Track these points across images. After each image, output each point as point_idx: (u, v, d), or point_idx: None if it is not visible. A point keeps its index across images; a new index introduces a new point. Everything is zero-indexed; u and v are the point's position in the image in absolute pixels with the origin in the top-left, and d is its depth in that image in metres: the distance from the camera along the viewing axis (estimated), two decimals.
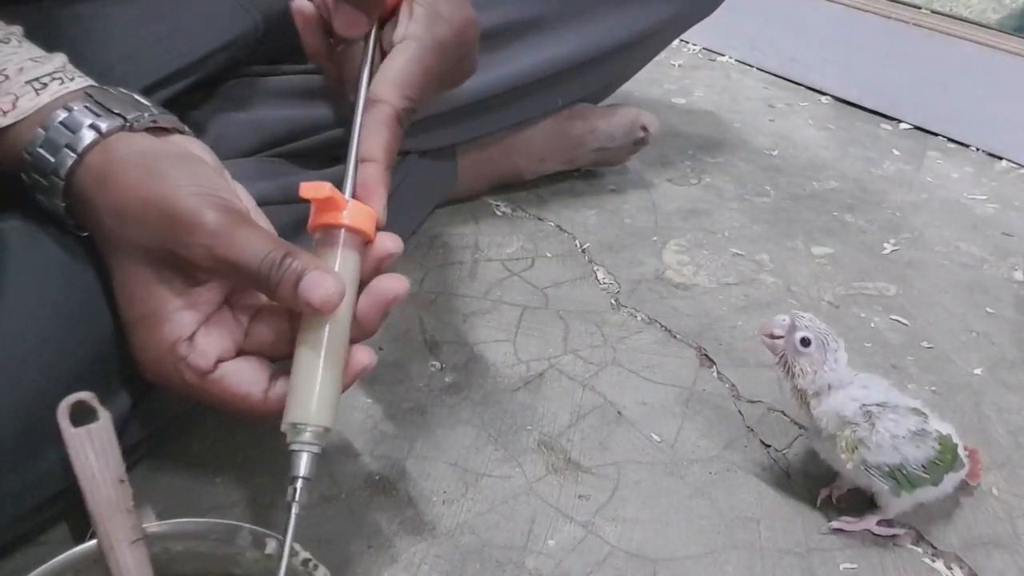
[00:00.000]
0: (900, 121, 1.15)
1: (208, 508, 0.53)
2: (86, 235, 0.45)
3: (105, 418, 0.41)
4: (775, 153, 1.04)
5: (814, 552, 0.54)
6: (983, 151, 1.09)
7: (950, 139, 1.12)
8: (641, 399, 0.65)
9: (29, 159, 0.42)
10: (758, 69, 1.28)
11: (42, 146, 0.42)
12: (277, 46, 0.63)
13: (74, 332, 0.44)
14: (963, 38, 1.08)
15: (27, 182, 0.43)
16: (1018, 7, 1.26)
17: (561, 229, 0.85)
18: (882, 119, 1.16)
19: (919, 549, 0.55)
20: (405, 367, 0.66)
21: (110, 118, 0.42)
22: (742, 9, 1.13)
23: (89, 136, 0.42)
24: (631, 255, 0.82)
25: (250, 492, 0.54)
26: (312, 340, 0.41)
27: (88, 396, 0.41)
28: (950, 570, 0.54)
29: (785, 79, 1.25)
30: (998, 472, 0.61)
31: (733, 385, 0.67)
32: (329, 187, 0.41)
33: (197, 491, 0.54)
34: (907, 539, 0.56)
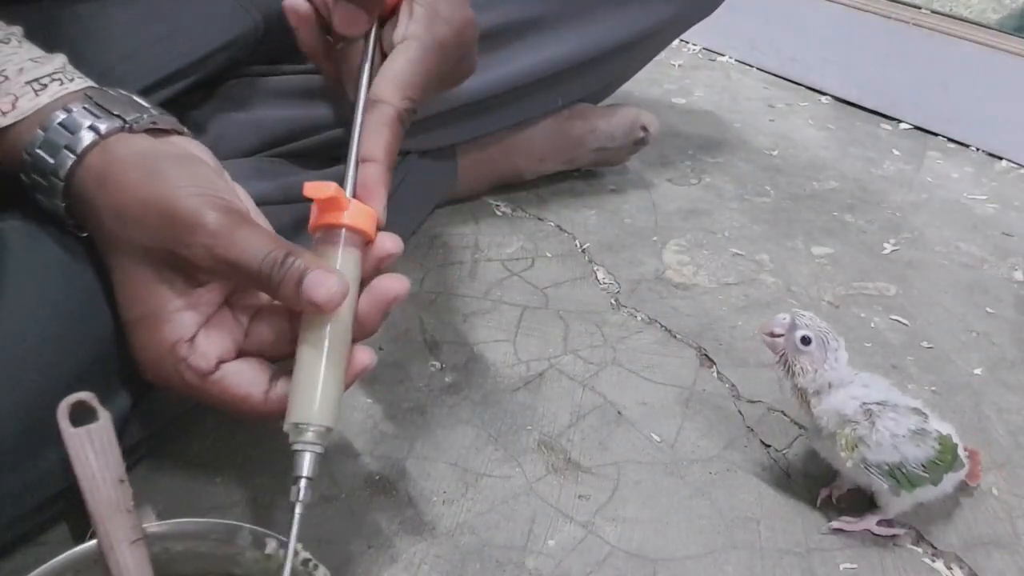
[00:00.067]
0: (900, 121, 1.15)
1: (208, 508, 0.53)
2: (86, 235, 0.45)
3: (105, 418, 0.41)
4: (775, 153, 1.04)
5: (814, 552, 0.54)
6: (983, 151, 1.09)
7: (950, 139, 1.12)
8: (641, 399, 0.65)
9: (29, 160, 0.42)
10: (758, 69, 1.28)
11: (41, 147, 0.42)
12: (277, 46, 0.63)
13: (74, 332, 0.44)
14: (963, 38, 1.08)
15: (27, 183, 0.43)
16: (1018, 7, 1.26)
17: (561, 229, 0.85)
18: (882, 119, 1.16)
19: (919, 549, 0.55)
20: (405, 367, 0.66)
21: (109, 119, 0.42)
22: (742, 9, 1.13)
23: (88, 137, 0.42)
24: (631, 255, 0.82)
25: (250, 492, 0.54)
26: (314, 340, 0.41)
27: (88, 396, 0.41)
28: (950, 570, 0.54)
29: (785, 79, 1.25)
30: (998, 472, 0.61)
31: (733, 385, 0.67)
32: (334, 187, 0.41)
33: (197, 491, 0.54)
34: (907, 539, 0.56)
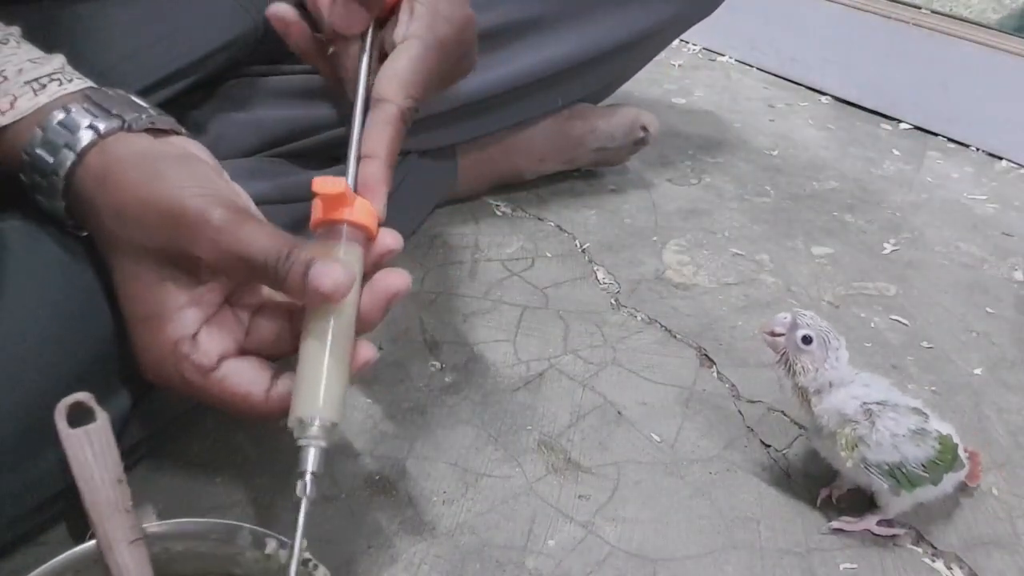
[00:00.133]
0: (900, 121, 1.15)
1: (208, 508, 0.53)
2: (86, 235, 0.45)
3: (103, 419, 0.41)
4: (775, 153, 1.04)
5: (814, 552, 0.54)
6: (983, 151, 1.09)
7: (950, 139, 1.11)
8: (641, 399, 0.65)
9: (28, 160, 0.42)
10: (758, 69, 1.28)
11: (40, 146, 0.42)
12: (277, 46, 0.63)
13: (74, 332, 0.44)
14: (963, 38, 1.08)
15: (26, 183, 0.43)
16: (1018, 7, 1.26)
17: (561, 229, 0.85)
18: (882, 119, 1.16)
19: (919, 549, 0.55)
20: (405, 367, 0.66)
21: (108, 119, 0.42)
22: (742, 9, 1.13)
23: (88, 136, 0.42)
24: (631, 255, 0.82)
25: (250, 492, 0.54)
26: (318, 334, 0.41)
27: (86, 397, 0.41)
28: (950, 570, 0.54)
29: (785, 79, 1.25)
30: (998, 472, 0.61)
31: (733, 385, 0.67)
32: (344, 183, 0.42)
33: (197, 491, 0.54)
34: (907, 539, 0.56)
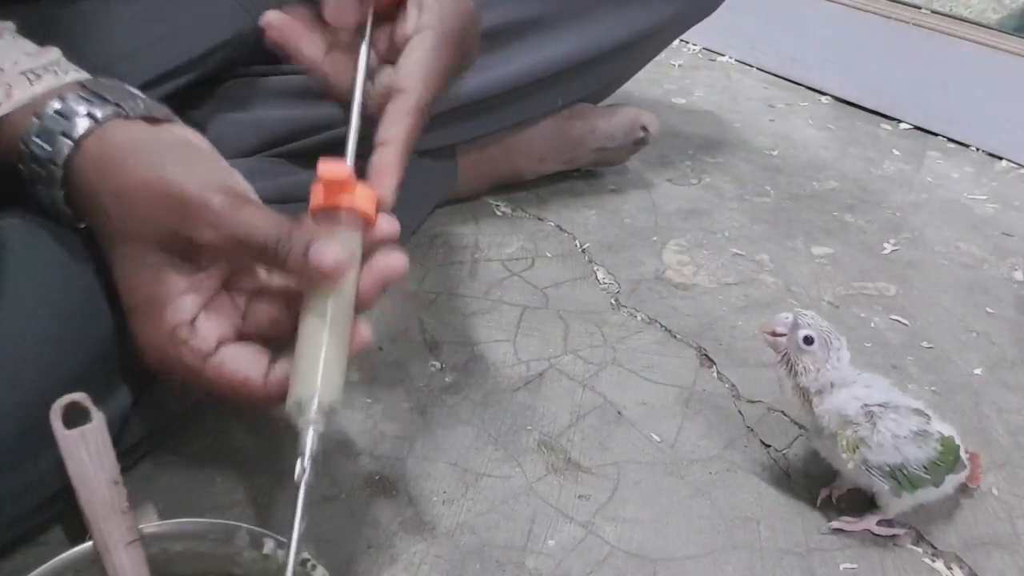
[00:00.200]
0: (900, 121, 1.15)
1: (208, 508, 0.53)
2: (84, 228, 0.44)
3: (99, 419, 0.41)
4: (775, 153, 1.04)
5: (814, 552, 0.54)
6: (983, 151, 1.09)
7: (950, 139, 1.11)
8: (641, 399, 0.65)
9: (25, 149, 0.42)
10: (758, 69, 1.28)
11: (37, 135, 0.42)
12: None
13: (74, 332, 0.44)
14: (963, 38, 1.08)
15: (25, 173, 0.43)
16: (1018, 7, 1.26)
17: (561, 229, 0.85)
18: (882, 119, 1.16)
19: (919, 549, 0.55)
20: (405, 367, 0.66)
21: (104, 106, 0.42)
22: (742, 9, 1.13)
23: (84, 124, 0.42)
24: (631, 255, 0.82)
25: (250, 492, 0.54)
26: (316, 316, 0.41)
27: (81, 397, 0.41)
28: (950, 570, 0.54)
29: (785, 79, 1.25)
30: (998, 472, 0.61)
31: (733, 385, 0.67)
32: (349, 170, 0.42)
33: (197, 491, 0.54)
34: (907, 539, 0.56)
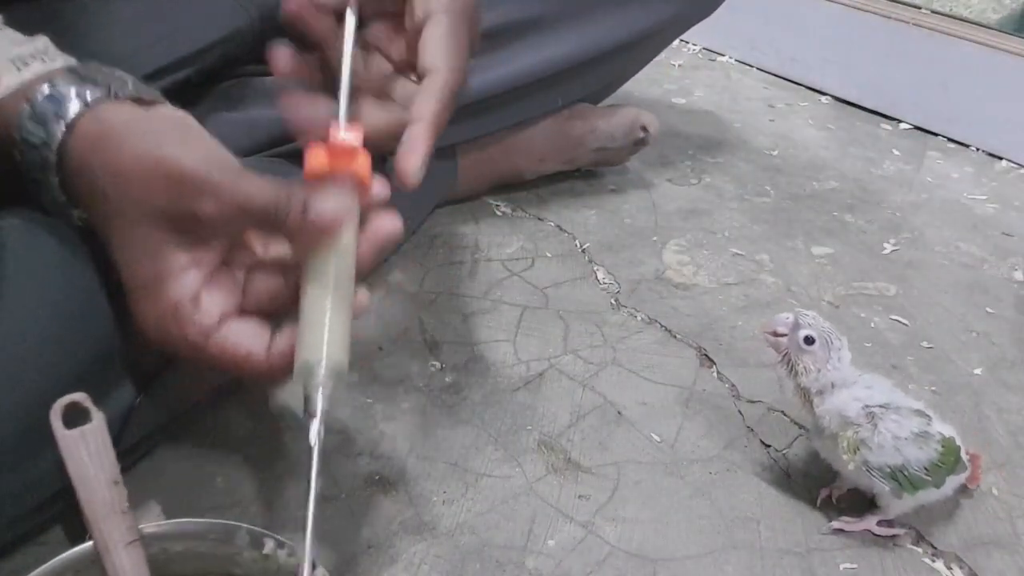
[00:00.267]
0: (900, 121, 1.15)
1: (208, 508, 0.53)
2: (82, 224, 0.44)
3: (99, 419, 0.40)
4: (775, 153, 1.04)
5: (814, 552, 0.54)
6: (983, 151, 1.09)
7: (950, 139, 1.11)
8: (641, 399, 0.65)
9: (18, 135, 0.42)
10: (758, 69, 1.28)
11: (30, 120, 0.41)
12: None
13: (74, 332, 0.44)
14: (963, 38, 1.08)
15: (19, 161, 0.42)
16: (1018, 7, 1.26)
17: (561, 229, 0.85)
18: (882, 119, 1.16)
19: (919, 549, 0.55)
20: (405, 367, 0.66)
21: (95, 88, 0.42)
22: (742, 9, 1.13)
23: (76, 106, 0.41)
24: (631, 255, 0.82)
25: (250, 492, 0.54)
26: (319, 279, 0.41)
27: (81, 397, 0.41)
28: (950, 570, 0.54)
29: (785, 79, 1.25)
30: (998, 472, 0.61)
31: (733, 385, 0.67)
32: (361, 136, 0.42)
33: (197, 491, 0.54)
34: (907, 539, 0.56)
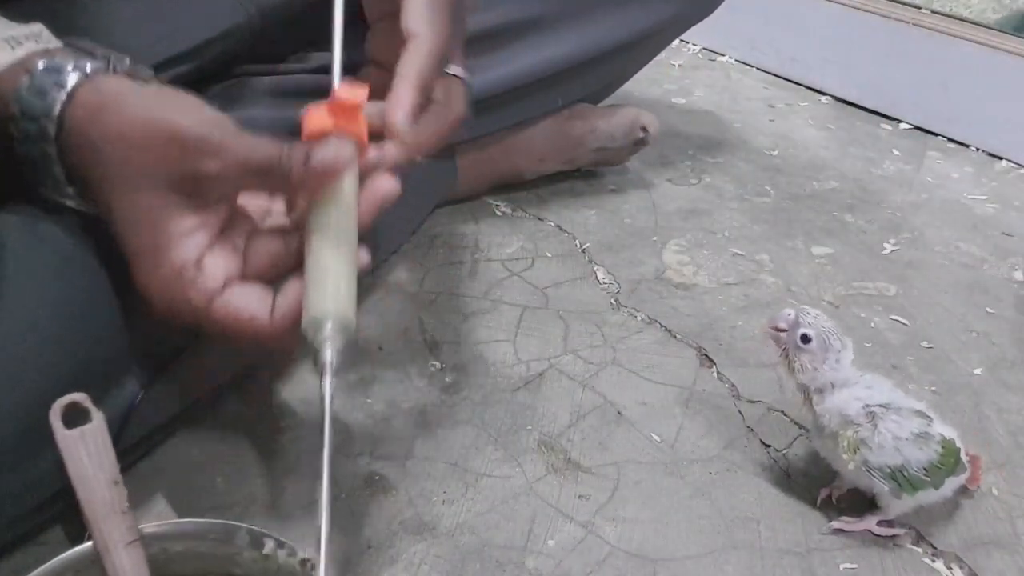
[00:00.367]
0: (900, 121, 1.15)
1: (208, 508, 0.53)
2: (75, 207, 0.44)
3: (98, 419, 0.41)
4: (775, 153, 1.04)
5: (814, 552, 0.54)
6: (983, 151, 1.09)
7: (950, 139, 1.11)
8: (641, 399, 0.65)
9: (17, 108, 0.41)
10: (758, 69, 1.28)
11: (29, 90, 0.41)
12: (274, 46, 0.63)
13: (74, 332, 0.44)
14: (963, 38, 1.08)
15: (16, 135, 0.42)
16: (1018, 7, 1.26)
17: (561, 229, 0.85)
18: (882, 119, 1.16)
19: (919, 549, 0.55)
20: (405, 367, 0.66)
21: (93, 61, 0.42)
22: (742, 9, 1.13)
23: (75, 77, 0.41)
24: (631, 255, 0.82)
25: (250, 492, 0.54)
26: (323, 235, 0.41)
27: (81, 397, 0.41)
28: (950, 570, 0.54)
29: (785, 79, 1.25)
30: (998, 472, 0.61)
31: (733, 385, 0.67)
32: (365, 93, 0.43)
33: (197, 491, 0.54)
34: (907, 539, 0.56)
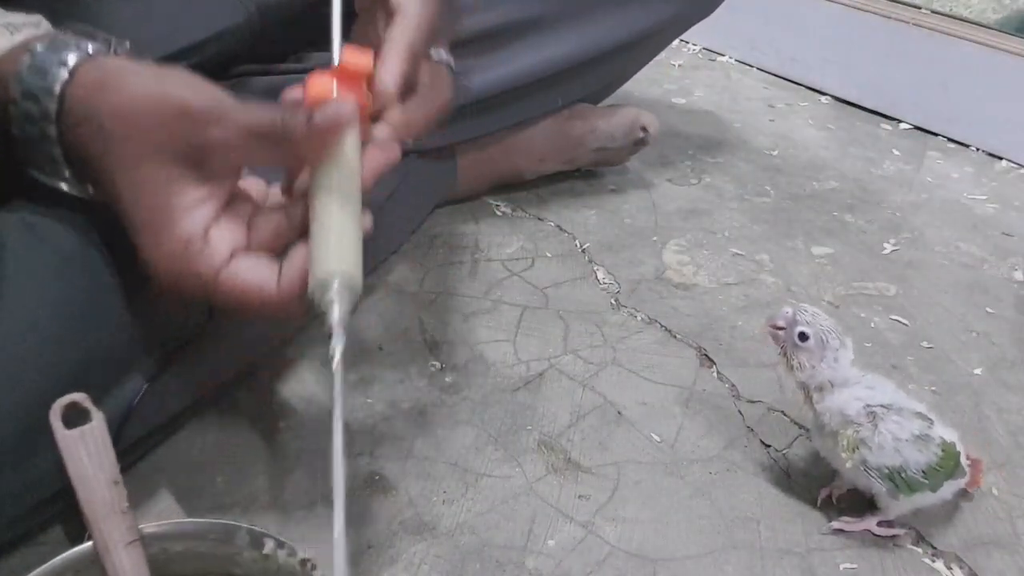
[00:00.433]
0: (900, 121, 1.15)
1: (208, 508, 0.53)
2: (69, 191, 0.44)
3: (99, 419, 0.41)
4: (775, 153, 1.04)
5: (814, 552, 0.54)
6: (983, 151, 1.09)
7: (950, 139, 1.11)
8: (641, 399, 0.65)
9: (18, 89, 0.41)
10: (758, 69, 1.28)
11: (30, 69, 0.41)
12: (273, 46, 0.63)
13: (74, 332, 0.44)
14: (963, 38, 1.08)
15: (16, 116, 0.42)
16: (1018, 7, 1.26)
17: (561, 229, 0.85)
18: (882, 119, 1.16)
19: (919, 549, 0.55)
20: (405, 367, 0.66)
21: (93, 42, 0.42)
22: (742, 9, 1.13)
23: (75, 57, 0.41)
24: (631, 255, 0.82)
25: (250, 492, 0.54)
26: (327, 197, 0.42)
27: (81, 397, 0.41)
28: (950, 570, 0.54)
29: (785, 79, 1.25)
30: (998, 472, 0.61)
31: (733, 385, 0.67)
32: (370, 60, 0.44)
33: (197, 491, 0.54)
34: (907, 539, 0.56)
